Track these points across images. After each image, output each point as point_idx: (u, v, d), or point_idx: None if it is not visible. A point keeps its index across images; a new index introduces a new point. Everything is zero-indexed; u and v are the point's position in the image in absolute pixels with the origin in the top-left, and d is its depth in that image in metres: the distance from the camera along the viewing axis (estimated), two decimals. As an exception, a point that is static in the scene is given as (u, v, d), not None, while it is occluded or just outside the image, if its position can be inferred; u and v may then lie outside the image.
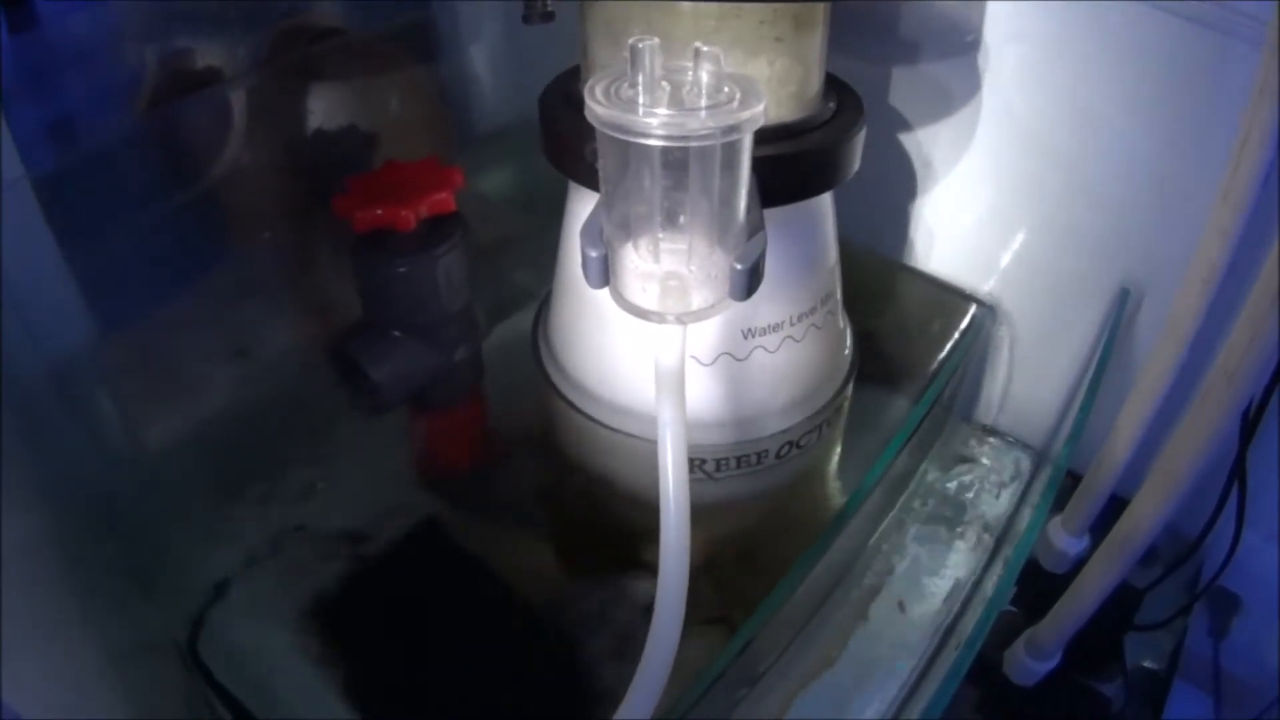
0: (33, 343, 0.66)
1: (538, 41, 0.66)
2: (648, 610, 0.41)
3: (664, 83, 0.40)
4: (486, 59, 0.95)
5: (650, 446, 0.42)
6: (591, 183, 0.52)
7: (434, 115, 0.92)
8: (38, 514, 0.57)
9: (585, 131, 0.43)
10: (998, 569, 0.72)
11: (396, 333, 0.67)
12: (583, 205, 0.57)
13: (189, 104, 0.74)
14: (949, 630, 0.69)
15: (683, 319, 0.42)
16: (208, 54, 0.74)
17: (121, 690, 0.57)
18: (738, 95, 0.39)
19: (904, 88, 0.77)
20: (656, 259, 0.42)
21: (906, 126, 0.78)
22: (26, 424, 0.61)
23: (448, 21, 0.92)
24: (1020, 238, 0.78)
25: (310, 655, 0.56)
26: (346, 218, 0.63)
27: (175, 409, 0.70)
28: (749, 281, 0.41)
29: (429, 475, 0.68)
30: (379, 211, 0.63)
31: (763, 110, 0.39)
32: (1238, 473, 0.67)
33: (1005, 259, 0.79)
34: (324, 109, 0.80)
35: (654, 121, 0.38)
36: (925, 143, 0.79)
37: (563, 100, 0.56)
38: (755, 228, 0.42)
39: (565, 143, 0.53)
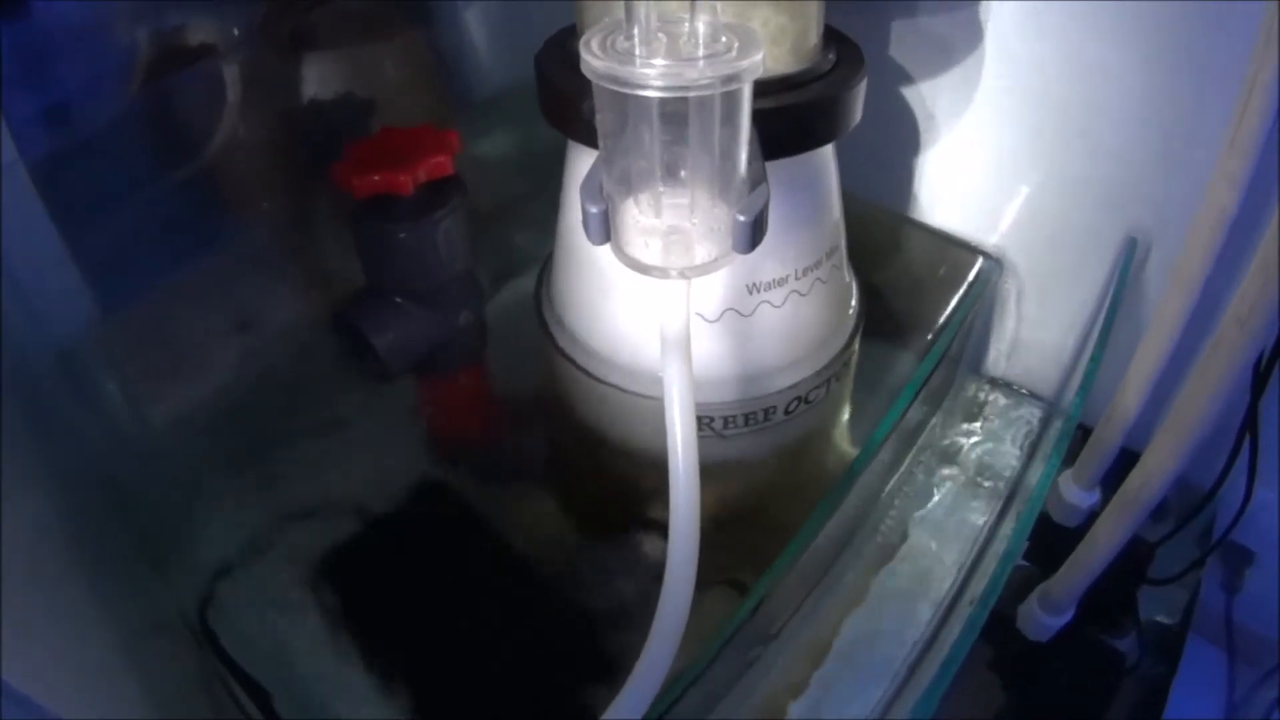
0: (35, 326, 0.66)
1: (531, 3, 0.65)
2: (658, 570, 0.41)
3: (660, 34, 0.39)
4: (480, 22, 0.94)
5: (658, 405, 0.42)
6: (590, 140, 0.51)
7: (429, 80, 0.91)
8: (46, 496, 0.57)
9: (583, 89, 0.42)
10: (1009, 523, 0.72)
11: (399, 299, 0.67)
12: (582, 163, 0.56)
13: (182, 80, 0.74)
14: (962, 585, 0.68)
15: (686, 273, 0.41)
16: (199, 29, 0.74)
17: (135, 670, 0.57)
18: (735, 45, 0.39)
19: (904, 39, 0.76)
20: (658, 214, 0.41)
21: (908, 79, 0.78)
22: (32, 407, 0.61)
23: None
24: (1025, 188, 0.77)
25: (321, 627, 0.56)
26: (345, 185, 0.63)
27: (180, 386, 0.70)
28: (752, 234, 0.40)
29: (436, 441, 0.68)
30: (377, 178, 0.62)
31: (761, 59, 0.39)
32: (1249, 425, 0.66)
33: (1011, 210, 0.79)
34: (318, 78, 0.80)
35: (651, 72, 0.37)
36: (927, 95, 0.78)
37: (560, 58, 0.55)
38: (757, 180, 0.42)
39: (563, 101, 0.53)
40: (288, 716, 0.53)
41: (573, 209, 0.59)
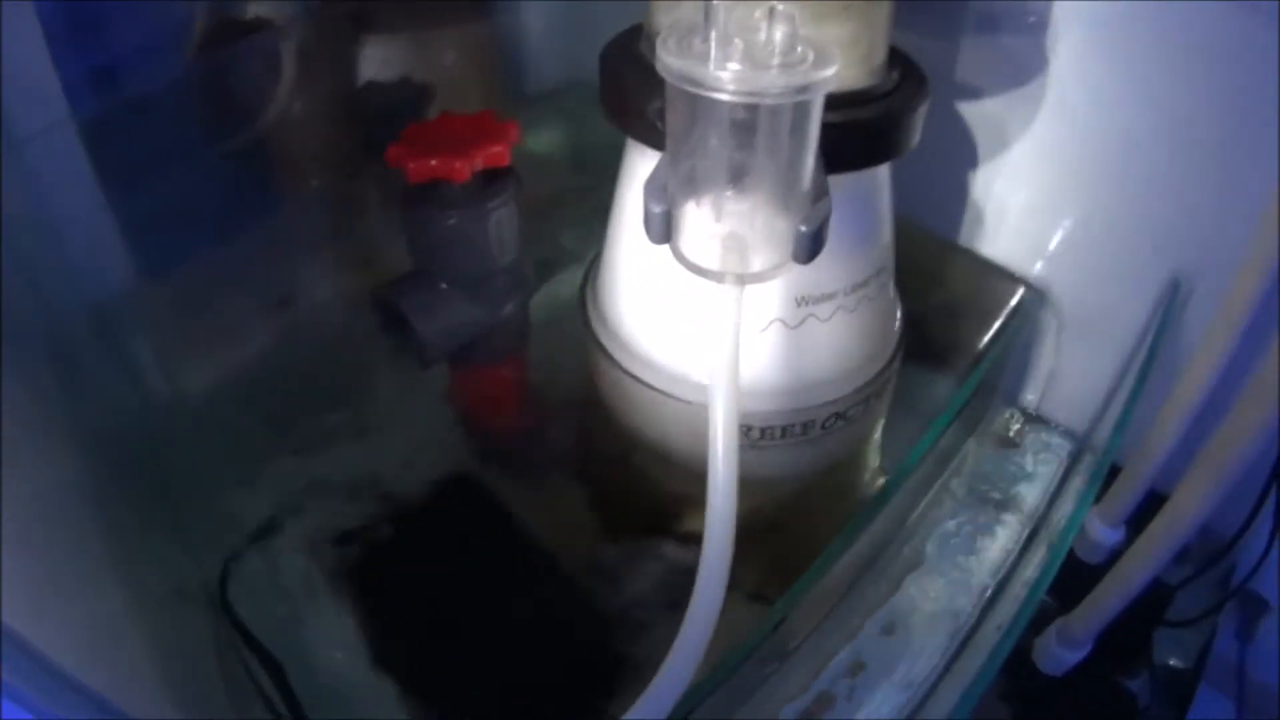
0: (73, 285, 0.66)
1: (589, 2, 0.65)
2: (684, 577, 0.41)
3: (737, 40, 0.39)
4: (538, 17, 0.94)
5: (698, 410, 0.42)
6: (651, 140, 0.51)
7: (486, 70, 0.91)
8: (71, 452, 0.57)
9: (648, 89, 0.42)
10: (1034, 555, 0.71)
11: (444, 285, 0.67)
12: (641, 163, 0.56)
13: (238, 51, 0.74)
14: (981, 615, 0.68)
15: (742, 279, 0.41)
16: (258, 2, 0.74)
17: (147, 632, 0.57)
18: (811, 56, 0.39)
19: (958, 64, 0.76)
20: (719, 218, 0.41)
21: (959, 103, 0.78)
22: (63, 363, 0.61)
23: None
24: (1071, 221, 0.77)
25: (340, 607, 0.56)
26: (400, 167, 0.63)
27: (215, 356, 0.70)
28: (812, 244, 0.41)
29: (470, 431, 0.68)
30: (433, 162, 0.62)
31: (835, 73, 0.38)
32: (1277, 475, 0.66)
33: (1055, 242, 0.78)
34: (375, 59, 0.80)
35: (725, 76, 0.37)
36: (977, 121, 0.78)
37: (626, 57, 0.55)
38: (820, 192, 0.42)
39: (626, 99, 0.52)
40: (300, 689, 0.53)
41: (627, 208, 0.58)
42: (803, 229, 0.40)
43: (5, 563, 0.41)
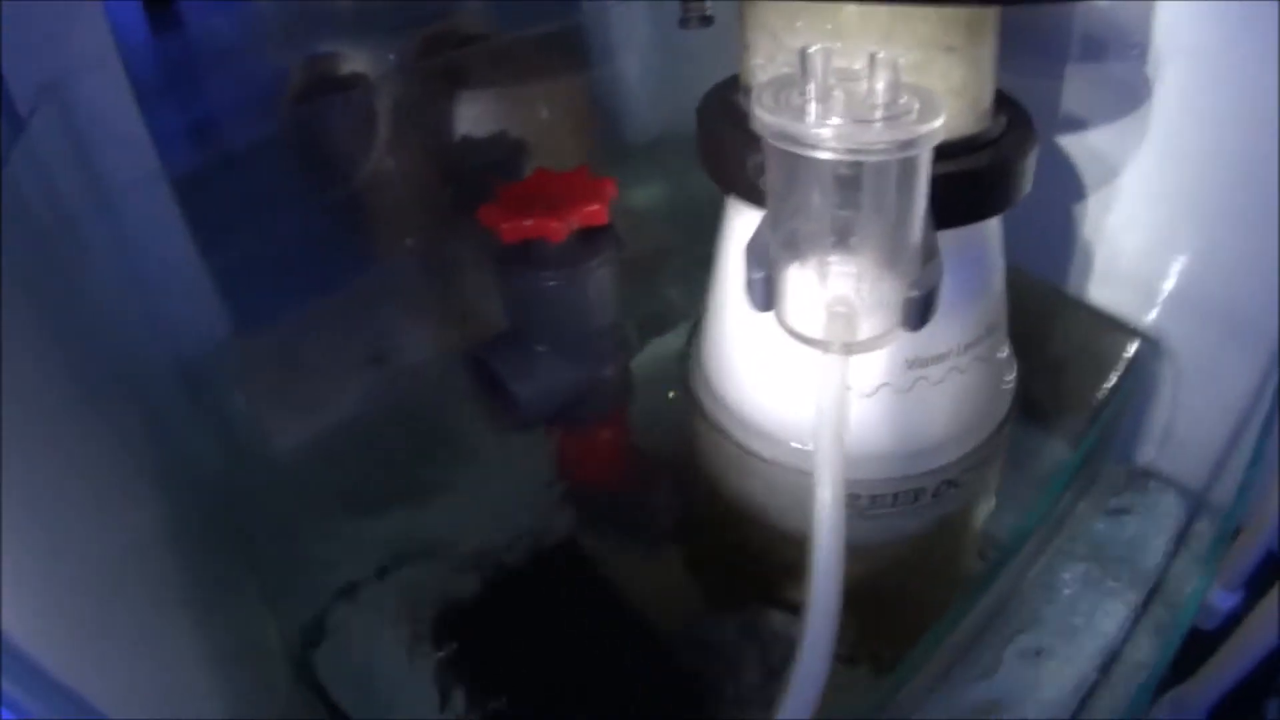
0: (163, 338, 0.66)
1: (690, 49, 0.64)
2: (786, 649, 0.40)
3: (836, 91, 0.37)
4: (638, 67, 0.94)
5: (803, 479, 0.40)
6: (751, 197, 0.49)
7: (583, 124, 0.91)
8: (157, 508, 0.56)
9: (745, 144, 0.41)
10: (1149, 625, 0.69)
11: (541, 347, 0.66)
12: (741, 222, 0.55)
13: (332, 107, 0.74)
14: (1093, 689, 0.65)
15: (849, 348, 0.39)
16: (352, 58, 0.74)
17: (222, 694, 0.56)
18: (916, 106, 0.37)
19: (1062, 101, 0.74)
20: (824, 282, 0.39)
21: (1065, 144, 0.75)
22: (151, 418, 0.60)
23: (598, 27, 0.91)
24: (1186, 265, 0.74)
25: (429, 674, 0.55)
26: (494, 227, 0.62)
27: (307, 413, 0.70)
28: (923, 310, 0.38)
29: (567, 494, 0.67)
30: (528, 222, 0.61)
31: (943, 124, 0.36)
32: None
33: (1169, 288, 0.75)
34: (470, 115, 0.80)
35: (826, 133, 0.35)
36: (1085, 161, 0.75)
37: (722, 111, 0.53)
38: (930, 253, 0.40)
39: (724, 155, 0.51)
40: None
41: (727, 269, 0.57)
42: (913, 294, 0.38)
43: (73, 615, 0.40)
